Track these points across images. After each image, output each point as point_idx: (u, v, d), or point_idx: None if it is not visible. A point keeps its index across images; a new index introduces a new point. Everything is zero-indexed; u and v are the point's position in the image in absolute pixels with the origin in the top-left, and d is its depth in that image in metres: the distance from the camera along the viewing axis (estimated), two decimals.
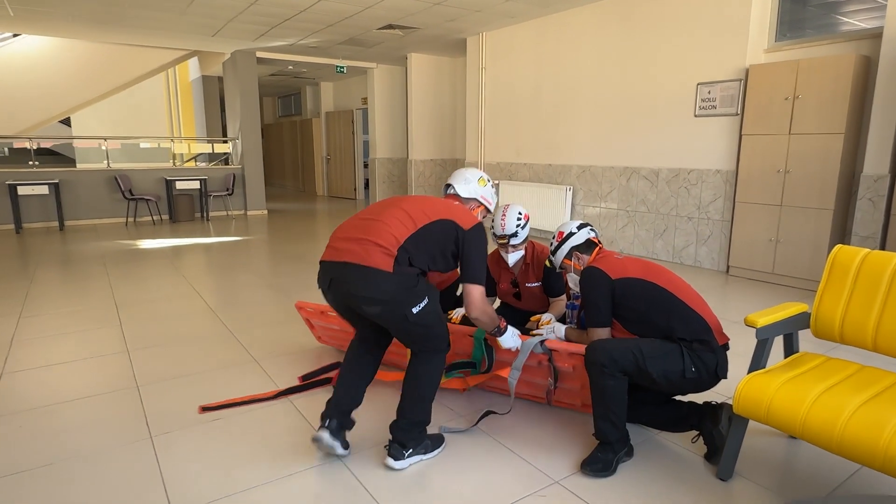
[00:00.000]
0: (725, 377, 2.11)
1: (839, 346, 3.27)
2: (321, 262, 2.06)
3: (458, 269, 2.15)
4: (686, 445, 2.27)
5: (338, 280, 1.99)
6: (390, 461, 2.06)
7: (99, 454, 2.20)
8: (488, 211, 2.54)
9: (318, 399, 2.68)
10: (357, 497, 1.94)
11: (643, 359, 2.03)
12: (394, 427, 2.09)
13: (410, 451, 2.08)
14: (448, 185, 2.46)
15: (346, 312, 2.15)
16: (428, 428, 2.19)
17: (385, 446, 2.12)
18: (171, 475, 2.07)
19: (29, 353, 3.27)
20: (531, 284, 2.89)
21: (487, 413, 2.48)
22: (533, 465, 2.15)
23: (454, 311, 2.92)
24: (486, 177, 2.49)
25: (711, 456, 2.14)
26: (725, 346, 2.14)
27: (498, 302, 3.20)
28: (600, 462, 2.09)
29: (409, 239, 1.96)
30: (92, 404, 2.63)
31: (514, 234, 2.74)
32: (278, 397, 2.69)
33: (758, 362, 2.03)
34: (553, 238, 2.51)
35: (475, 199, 2.43)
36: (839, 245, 2.17)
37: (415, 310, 1.95)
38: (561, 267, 2.48)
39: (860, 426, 1.62)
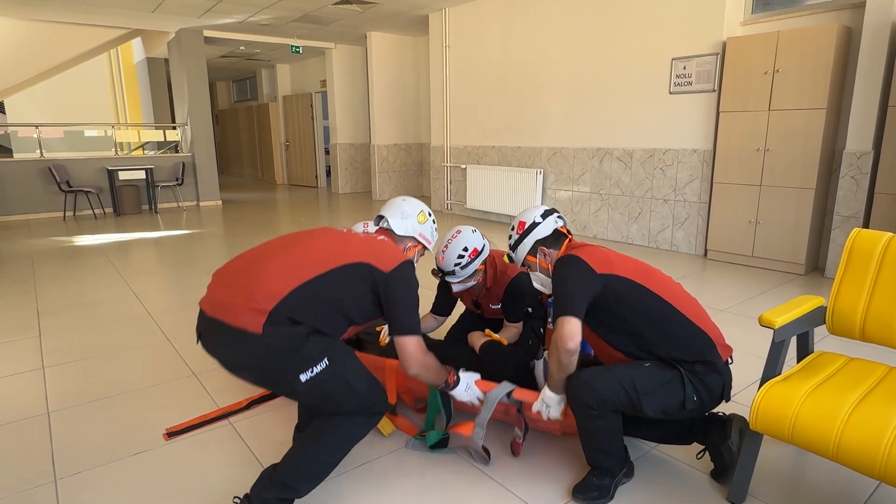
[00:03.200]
0: (729, 399, 1.81)
1: (828, 336, 3.06)
2: (199, 311, 1.65)
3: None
4: (690, 461, 1.99)
5: (206, 336, 1.62)
6: None
7: None
8: (426, 249, 2.09)
9: (264, 423, 2.30)
10: None
11: (637, 395, 1.67)
12: (258, 482, 1.61)
13: None
14: (380, 217, 2.01)
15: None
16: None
17: (235, 499, 1.62)
18: None
19: None
20: (494, 307, 2.54)
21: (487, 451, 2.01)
22: (519, 496, 1.84)
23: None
24: (426, 211, 2.06)
25: (720, 474, 1.86)
26: (728, 360, 1.81)
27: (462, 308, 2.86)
28: (596, 489, 1.79)
29: (295, 292, 1.54)
30: None
31: (452, 273, 2.31)
32: (249, 408, 2.41)
33: (773, 368, 1.75)
34: (512, 229, 2.05)
35: (412, 238, 1.99)
36: (857, 228, 1.90)
37: (304, 377, 1.53)
38: (524, 264, 2.07)
39: None
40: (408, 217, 1.96)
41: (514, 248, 2.05)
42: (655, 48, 5.29)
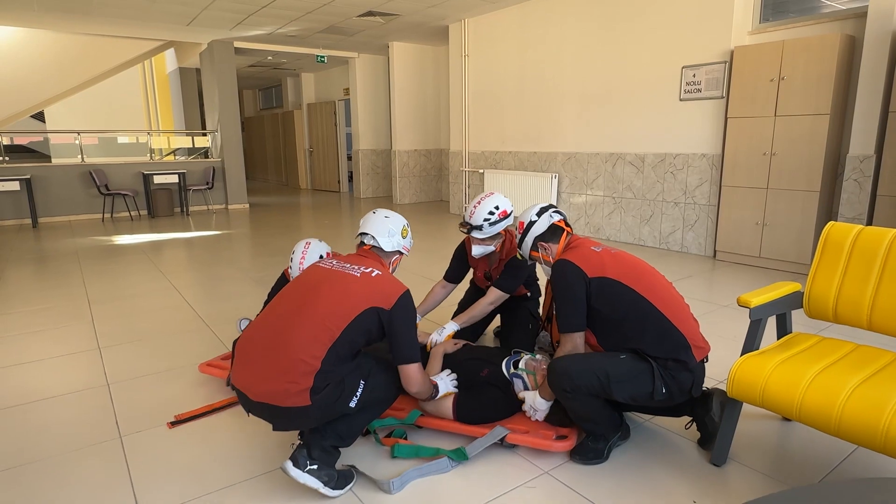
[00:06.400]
0: (699, 395, 2.01)
1: (831, 326, 3.23)
2: (234, 387, 1.83)
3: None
4: (679, 431, 2.21)
5: (256, 413, 1.83)
6: (288, 465, 1.76)
7: (66, 455, 2.08)
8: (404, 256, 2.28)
9: None
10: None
11: (608, 383, 1.87)
12: (315, 432, 1.85)
13: (315, 468, 1.78)
14: (364, 234, 2.15)
15: None
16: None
17: (292, 444, 1.90)
18: (140, 476, 1.96)
19: None
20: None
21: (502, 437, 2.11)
22: (522, 455, 2.07)
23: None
24: (406, 224, 2.24)
25: (705, 442, 2.08)
26: (703, 360, 2.00)
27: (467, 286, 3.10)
28: (591, 451, 2.01)
29: (327, 357, 1.75)
30: (60, 404, 2.50)
31: (479, 227, 2.51)
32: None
33: (751, 343, 1.96)
34: (517, 229, 2.29)
35: (397, 251, 2.19)
36: (831, 222, 2.10)
37: (352, 403, 1.82)
38: (531, 259, 2.30)
39: (859, 407, 1.56)
40: (394, 235, 2.15)
41: (519, 244, 2.32)
42: (666, 57, 5.49)
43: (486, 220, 2.51)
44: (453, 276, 2.88)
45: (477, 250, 2.60)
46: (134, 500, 1.83)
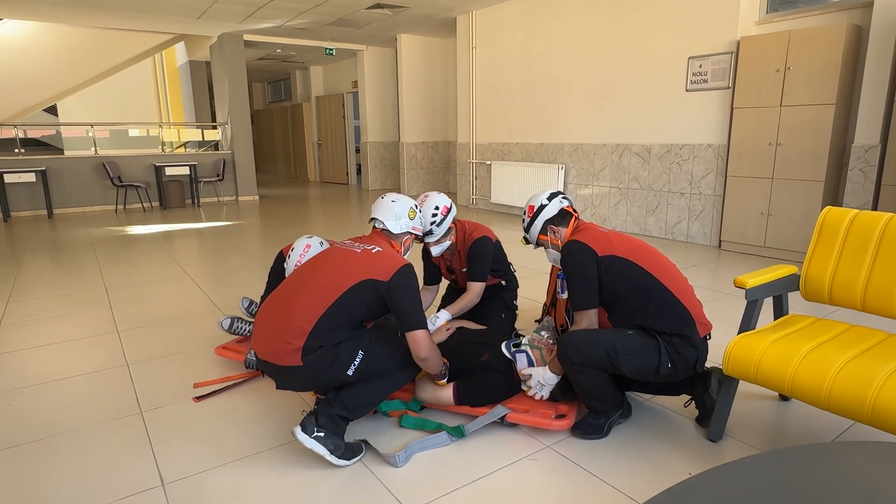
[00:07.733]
0: (702, 370, 2.08)
1: (826, 308, 3.28)
2: (254, 352, 2.06)
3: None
4: (678, 409, 2.28)
5: (266, 371, 2.05)
6: (297, 429, 1.88)
7: (89, 429, 2.19)
8: (417, 236, 2.37)
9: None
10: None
11: (616, 356, 1.95)
12: (324, 401, 1.98)
13: (321, 435, 1.88)
14: (374, 218, 2.26)
15: None
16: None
17: (303, 411, 2.10)
18: (162, 447, 2.06)
19: (18, 335, 3.24)
20: (466, 269, 2.78)
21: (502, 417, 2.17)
22: (523, 431, 2.15)
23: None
24: (414, 205, 2.32)
25: (703, 419, 2.15)
26: (706, 337, 2.07)
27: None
28: (591, 427, 2.09)
29: (319, 322, 1.90)
30: (82, 382, 2.61)
31: (430, 233, 2.55)
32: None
33: (747, 323, 2.03)
34: (524, 214, 2.35)
35: (406, 233, 2.29)
36: (828, 206, 2.16)
37: (350, 371, 1.94)
38: (538, 244, 2.36)
39: (848, 381, 1.63)
40: (401, 217, 2.25)
41: (527, 229, 2.35)
42: (673, 47, 5.51)
43: (431, 222, 2.55)
44: (430, 278, 2.93)
45: (437, 250, 2.65)
46: (156, 467, 1.93)
